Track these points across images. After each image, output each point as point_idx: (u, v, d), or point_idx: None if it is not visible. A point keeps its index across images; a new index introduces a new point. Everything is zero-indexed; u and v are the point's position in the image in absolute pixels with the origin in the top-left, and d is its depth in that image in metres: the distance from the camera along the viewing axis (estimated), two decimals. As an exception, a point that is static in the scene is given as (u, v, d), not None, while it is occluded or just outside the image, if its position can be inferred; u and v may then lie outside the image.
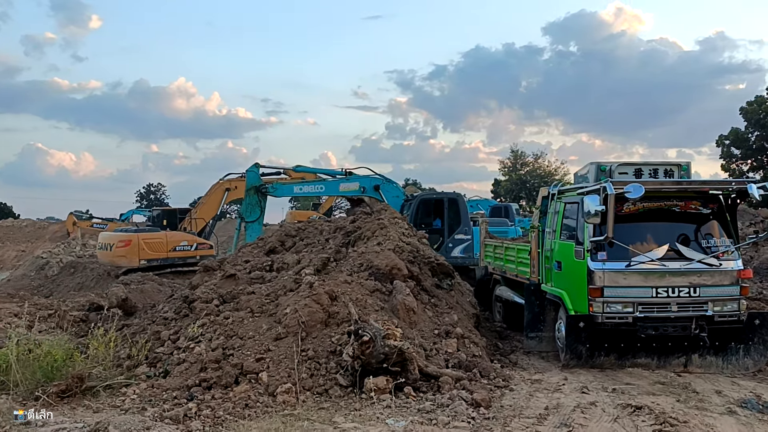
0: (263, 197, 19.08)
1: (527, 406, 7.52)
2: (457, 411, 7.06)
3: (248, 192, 19.10)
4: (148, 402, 7.56)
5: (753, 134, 48.71)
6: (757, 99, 48.74)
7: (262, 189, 18.98)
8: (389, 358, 7.77)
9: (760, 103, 48.15)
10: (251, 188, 19.02)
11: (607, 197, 8.84)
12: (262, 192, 19.03)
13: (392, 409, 7.27)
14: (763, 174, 48.46)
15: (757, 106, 48.05)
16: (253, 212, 19.07)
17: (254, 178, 19.22)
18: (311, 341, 8.57)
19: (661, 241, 9.47)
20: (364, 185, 18.90)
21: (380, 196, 18.39)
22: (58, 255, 27.58)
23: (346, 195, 19.57)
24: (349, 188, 18.97)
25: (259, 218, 19.01)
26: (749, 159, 49.15)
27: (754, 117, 47.83)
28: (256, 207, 19.09)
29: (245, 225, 19.00)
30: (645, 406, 7.14)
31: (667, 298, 9.21)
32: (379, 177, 19.04)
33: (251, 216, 19.01)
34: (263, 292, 9.87)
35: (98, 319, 13.82)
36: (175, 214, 27.74)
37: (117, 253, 23.20)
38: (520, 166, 67.39)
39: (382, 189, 18.70)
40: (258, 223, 19.13)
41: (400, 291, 9.62)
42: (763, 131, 47.44)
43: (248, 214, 19.01)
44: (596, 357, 9.53)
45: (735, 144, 49.32)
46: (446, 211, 18.24)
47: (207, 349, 8.56)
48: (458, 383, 8.05)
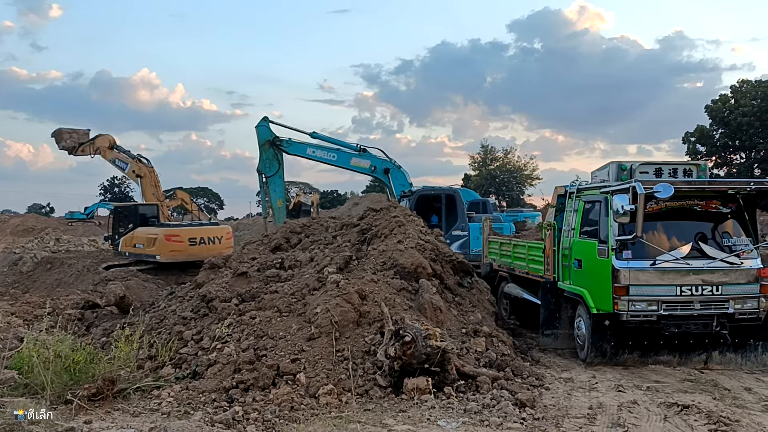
0: (279, 151, 18.54)
1: (570, 405, 7.56)
2: (506, 412, 7.05)
3: (263, 147, 18.56)
4: (187, 405, 7.38)
5: (717, 131, 50.01)
6: (722, 97, 50.03)
7: (276, 142, 18.47)
8: (431, 358, 7.72)
9: (725, 101, 49.43)
10: (265, 143, 18.48)
11: (637, 196, 8.91)
12: (277, 145, 18.50)
13: (437, 410, 7.22)
14: (726, 170, 49.82)
15: (722, 104, 49.33)
16: (272, 166, 18.59)
17: (266, 132, 18.67)
18: (345, 341, 8.47)
19: (682, 239, 9.60)
20: (375, 164, 18.67)
21: (388, 179, 18.20)
22: (31, 250, 26.74)
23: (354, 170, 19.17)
24: (360, 164, 18.69)
25: (279, 171, 18.51)
26: (713, 156, 50.41)
27: (719, 115, 49.11)
28: (274, 161, 18.59)
29: (267, 181, 18.41)
30: (692, 405, 7.23)
31: (691, 296, 9.34)
32: (391, 162, 18.82)
33: (270, 170, 18.53)
34: (286, 290, 9.72)
35: (94, 317, 13.52)
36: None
37: (227, 245, 20.68)
38: (490, 161, 67.85)
39: (391, 174, 18.50)
40: (278, 176, 18.64)
41: (426, 290, 9.57)
42: (727, 129, 48.70)
43: (267, 168, 18.51)
44: (620, 355, 9.63)
45: (700, 141, 50.58)
46: (444, 206, 18.17)
47: (237, 350, 8.40)
48: (495, 383, 8.04)
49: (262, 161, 18.72)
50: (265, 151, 18.68)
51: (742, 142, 48.56)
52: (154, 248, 20.41)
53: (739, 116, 46.72)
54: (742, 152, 50.06)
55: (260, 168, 18.73)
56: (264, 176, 18.72)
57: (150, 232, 21.19)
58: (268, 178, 18.59)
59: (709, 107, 50.03)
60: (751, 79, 49.49)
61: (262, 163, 18.73)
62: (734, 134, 48.38)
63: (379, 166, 18.67)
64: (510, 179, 66.36)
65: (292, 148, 19.07)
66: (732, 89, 49.61)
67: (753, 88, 47.89)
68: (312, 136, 19.95)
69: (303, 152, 19.84)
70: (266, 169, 18.52)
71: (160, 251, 20.28)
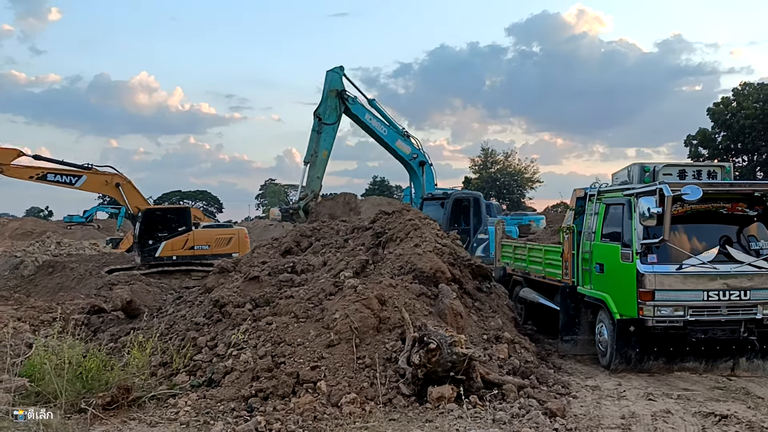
0: (341, 104, 17.90)
1: (602, 414, 7.32)
2: (538, 422, 6.80)
3: (329, 93, 17.80)
4: (205, 414, 7.14)
5: (720, 134, 49.88)
6: (724, 100, 49.93)
7: (344, 96, 17.88)
8: (456, 366, 7.47)
9: (727, 104, 49.32)
10: (333, 90, 17.76)
11: (664, 199, 8.69)
12: (343, 99, 17.91)
13: (465, 420, 6.97)
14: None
15: (724, 107, 49.21)
16: (331, 115, 17.85)
17: (337, 81, 17.96)
18: (365, 348, 8.22)
19: (708, 243, 9.39)
20: (416, 154, 18.28)
21: (420, 172, 17.84)
22: (33, 254, 26.45)
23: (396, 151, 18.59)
24: (403, 148, 18.25)
25: (335, 124, 17.85)
26: (716, 158, 50.23)
27: (721, 118, 48.96)
28: (334, 111, 17.86)
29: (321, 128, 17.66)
30: (731, 415, 6.99)
31: (718, 301, 9.11)
32: (427, 158, 18.48)
33: (329, 119, 17.79)
34: (302, 295, 9.47)
35: (100, 322, 13.24)
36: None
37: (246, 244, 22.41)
38: (490, 164, 67.70)
39: (426, 168, 18.18)
40: (333, 128, 17.88)
41: (446, 295, 9.32)
42: (730, 131, 48.58)
43: (326, 116, 17.79)
44: (645, 361, 9.41)
45: (702, 144, 50.41)
46: (472, 210, 18.06)
47: (254, 357, 8.15)
48: (521, 391, 7.80)
49: (325, 107, 17.76)
50: (331, 99, 17.84)
51: (744, 145, 48.49)
52: (229, 247, 21.76)
53: (742, 119, 46.58)
54: (745, 155, 49.95)
55: (320, 112, 17.73)
56: (320, 121, 17.79)
57: (220, 232, 23.02)
58: (323, 125, 17.69)
59: (711, 110, 49.92)
60: (753, 82, 49.43)
61: (324, 107, 17.70)
62: (736, 137, 48.29)
63: (419, 156, 18.28)
64: (510, 182, 66.20)
65: (355, 107, 18.28)
66: (734, 92, 49.56)
67: (755, 91, 47.82)
68: (370, 103, 19.45)
69: (362, 115, 19.20)
70: (326, 116, 17.64)
71: (240, 249, 21.23)
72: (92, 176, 22.06)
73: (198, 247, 21.82)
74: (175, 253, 21.87)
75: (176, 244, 21.86)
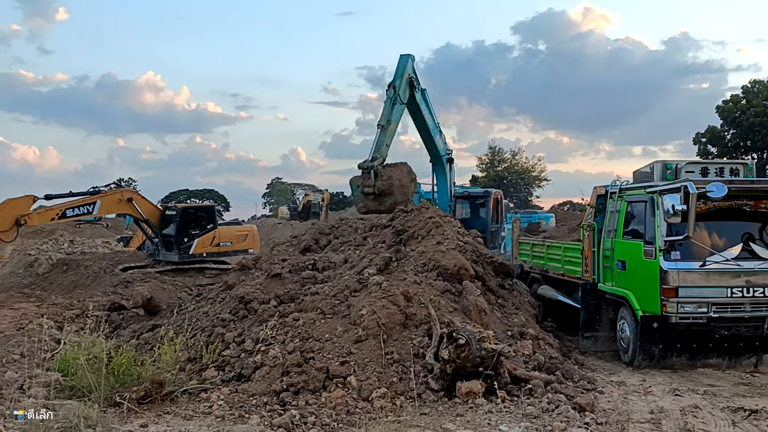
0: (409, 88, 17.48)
1: (630, 410, 7.38)
2: (568, 416, 6.88)
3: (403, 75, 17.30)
4: (239, 408, 7.24)
5: (729, 132, 49.70)
6: (733, 98, 49.72)
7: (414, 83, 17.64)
8: (485, 361, 7.56)
9: (736, 101, 49.14)
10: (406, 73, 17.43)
11: (689, 196, 8.74)
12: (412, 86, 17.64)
13: (495, 414, 7.07)
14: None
15: (733, 105, 49.03)
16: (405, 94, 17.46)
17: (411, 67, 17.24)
18: (393, 344, 8.31)
19: (731, 240, 9.43)
20: (448, 151, 18.22)
21: (447, 168, 17.74)
22: (46, 252, 26.60)
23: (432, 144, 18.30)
24: (439, 143, 18.05)
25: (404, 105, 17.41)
26: (725, 156, 50.09)
27: (730, 115, 48.79)
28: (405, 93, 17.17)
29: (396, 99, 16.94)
30: (761, 410, 7.05)
31: (742, 297, 9.16)
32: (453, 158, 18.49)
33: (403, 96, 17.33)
34: (327, 292, 9.55)
35: (120, 319, 13.37)
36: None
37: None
38: (497, 162, 67.71)
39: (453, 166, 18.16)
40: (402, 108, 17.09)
41: (470, 292, 9.40)
42: (739, 129, 48.43)
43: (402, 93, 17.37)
44: (668, 358, 9.47)
45: (711, 142, 50.22)
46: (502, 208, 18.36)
47: (283, 352, 8.24)
48: (548, 386, 7.88)
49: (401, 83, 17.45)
50: (404, 81, 17.64)
51: (754, 143, 48.28)
52: (246, 243, 22.66)
53: (751, 117, 46.39)
54: (754, 153, 49.73)
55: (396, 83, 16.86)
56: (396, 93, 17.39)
57: (239, 230, 24.06)
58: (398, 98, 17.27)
59: (720, 108, 49.72)
60: (762, 80, 49.22)
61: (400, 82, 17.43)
62: (746, 135, 48.08)
63: (449, 153, 18.28)
64: (518, 180, 66.20)
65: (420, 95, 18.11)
66: (743, 89, 49.32)
67: (765, 89, 47.60)
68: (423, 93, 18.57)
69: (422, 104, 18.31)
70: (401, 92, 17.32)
71: (253, 245, 22.54)
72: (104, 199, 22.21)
73: (222, 244, 22.46)
74: (205, 249, 22.38)
75: (206, 241, 22.36)
